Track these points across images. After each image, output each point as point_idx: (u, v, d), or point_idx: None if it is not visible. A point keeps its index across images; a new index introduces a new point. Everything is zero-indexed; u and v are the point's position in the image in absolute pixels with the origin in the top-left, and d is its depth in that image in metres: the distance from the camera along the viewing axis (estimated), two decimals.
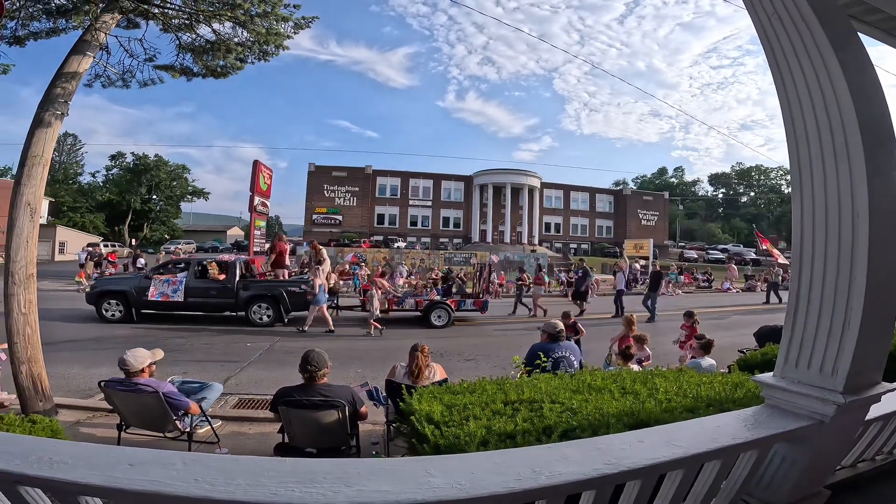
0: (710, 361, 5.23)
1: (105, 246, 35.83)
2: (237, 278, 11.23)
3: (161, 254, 32.98)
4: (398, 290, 13.09)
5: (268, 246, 17.62)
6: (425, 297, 11.99)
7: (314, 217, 45.87)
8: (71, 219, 44.51)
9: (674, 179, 78.60)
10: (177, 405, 3.81)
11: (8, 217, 4.64)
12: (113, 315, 10.86)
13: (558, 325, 4.78)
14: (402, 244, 41.82)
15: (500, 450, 1.95)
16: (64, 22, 5.64)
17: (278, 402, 3.43)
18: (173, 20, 6.09)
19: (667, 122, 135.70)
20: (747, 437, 1.84)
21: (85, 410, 5.27)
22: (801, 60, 1.87)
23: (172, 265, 12.18)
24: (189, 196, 56.25)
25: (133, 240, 44.47)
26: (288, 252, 12.67)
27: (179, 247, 41.53)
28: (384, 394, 4.22)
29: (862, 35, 2.04)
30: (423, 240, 45.96)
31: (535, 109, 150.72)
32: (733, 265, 29.87)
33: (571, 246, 49.18)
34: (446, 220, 49.20)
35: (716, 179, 77.48)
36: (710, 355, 5.38)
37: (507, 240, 45.64)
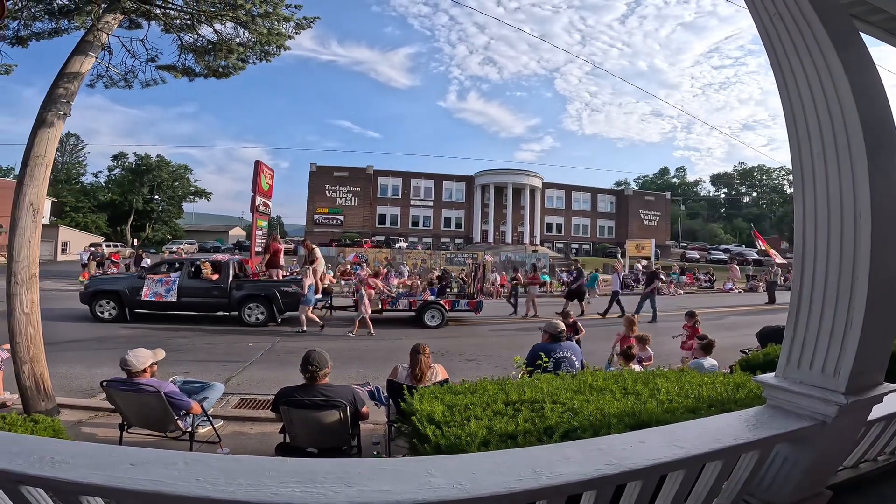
0: (712, 362, 5.22)
1: (108, 246, 35.96)
2: (230, 278, 11.23)
3: (165, 254, 33.07)
4: (392, 290, 13.07)
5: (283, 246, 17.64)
6: (419, 298, 12.00)
7: (316, 217, 45.90)
8: (73, 219, 44.65)
9: (676, 179, 78.54)
10: (178, 405, 3.81)
11: (10, 217, 4.66)
12: (107, 315, 10.88)
13: (559, 326, 4.78)
14: (403, 244, 41.81)
15: (501, 450, 1.95)
16: (66, 22, 5.65)
17: (280, 402, 3.43)
18: (175, 21, 6.11)
19: (668, 122, 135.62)
20: (749, 437, 1.84)
21: (87, 410, 5.28)
22: (803, 60, 1.87)
23: (166, 265, 12.20)
24: (191, 196, 56.37)
25: (135, 240, 44.66)
26: (283, 252, 12.65)
27: (182, 247, 41.61)
28: (385, 394, 4.22)
29: (864, 35, 2.04)
30: (425, 240, 45.93)
31: (536, 109, 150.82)
32: (735, 265, 29.84)
33: (573, 246, 49.12)
34: (448, 221, 49.15)
35: (718, 179, 77.41)
36: (712, 356, 5.37)
37: (509, 240, 45.60)
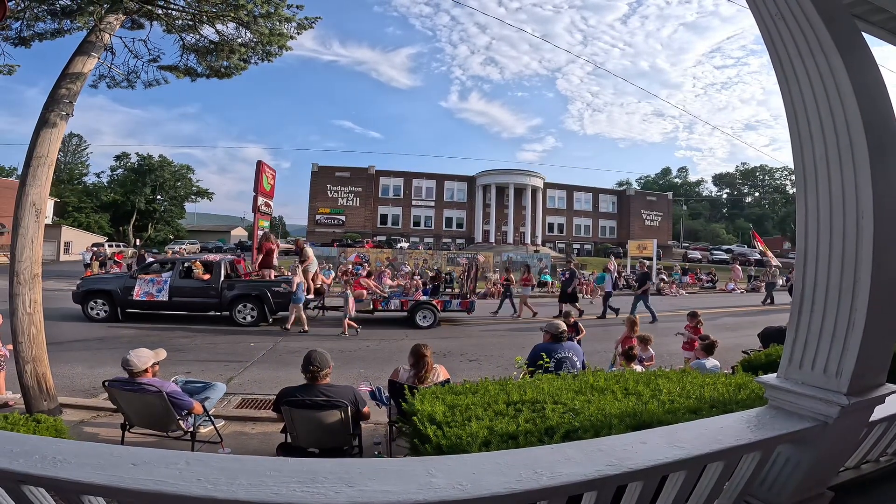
0: (714, 362, 5.21)
1: (110, 246, 36.06)
2: (222, 278, 11.24)
3: (167, 254, 33.13)
4: (385, 291, 13.10)
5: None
6: (410, 298, 12.02)
7: (317, 217, 45.93)
8: (76, 219, 44.79)
9: (678, 180, 78.41)
10: (180, 405, 3.82)
11: (13, 217, 4.68)
12: (98, 314, 10.90)
13: (560, 326, 4.76)
14: (405, 244, 41.81)
15: (502, 450, 1.95)
16: (68, 23, 5.66)
17: (281, 402, 3.44)
18: (177, 21, 6.12)
19: (670, 122, 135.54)
20: (751, 438, 1.84)
21: (89, 410, 5.30)
22: (805, 61, 1.87)
23: (158, 265, 12.23)
24: (193, 196, 56.42)
25: (137, 240, 44.72)
26: (277, 252, 12.68)
27: (184, 247, 41.67)
28: (387, 394, 4.22)
29: (866, 35, 2.04)
30: (427, 240, 45.94)
31: (538, 110, 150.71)
32: (737, 266, 29.76)
33: (575, 246, 49.06)
34: (449, 221, 49.12)
35: (720, 180, 77.31)
36: (714, 356, 5.37)
37: (511, 240, 45.57)
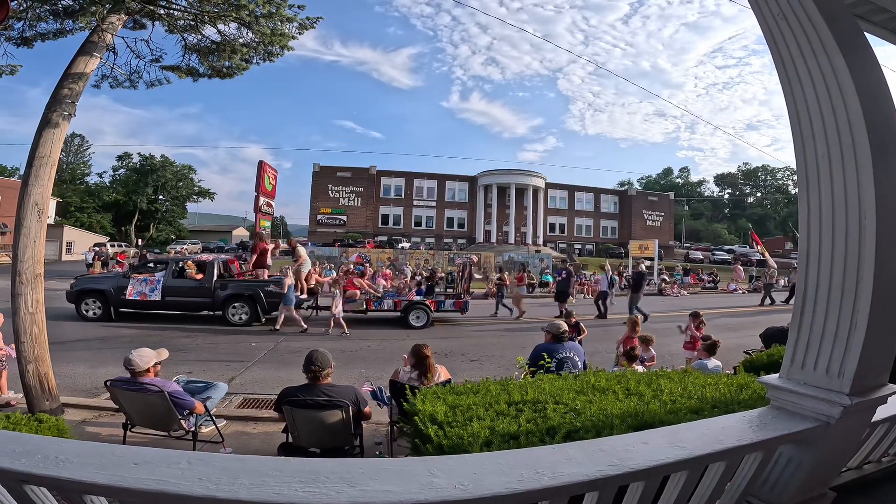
0: (716, 363, 5.20)
1: (112, 246, 36.13)
2: (214, 278, 11.27)
3: (170, 254, 33.21)
4: (379, 290, 13.13)
5: (272, 246, 17.65)
6: (403, 298, 12.05)
7: (319, 217, 45.97)
8: (78, 219, 44.88)
9: (679, 180, 78.26)
10: (182, 404, 3.82)
11: (16, 217, 4.69)
12: (92, 314, 10.92)
13: (562, 326, 4.75)
14: (406, 244, 41.84)
15: (504, 450, 1.95)
16: (71, 23, 5.68)
17: (282, 402, 3.44)
18: (179, 21, 6.13)
19: (672, 122, 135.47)
20: (752, 438, 1.83)
21: (91, 409, 5.31)
22: (807, 61, 1.86)
23: (151, 264, 12.26)
24: (195, 196, 56.51)
25: (139, 240, 44.80)
26: (270, 252, 12.73)
27: (185, 247, 41.74)
28: (388, 394, 4.22)
29: (869, 35, 2.03)
30: (428, 240, 45.95)
31: (539, 110, 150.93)
32: (739, 266, 29.71)
33: (576, 246, 49.03)
34: (450, 221, 49.13)
35: (722, 180, 77.13)
36: (716, 356, 5.36)
37: (512, 240, 45.57)
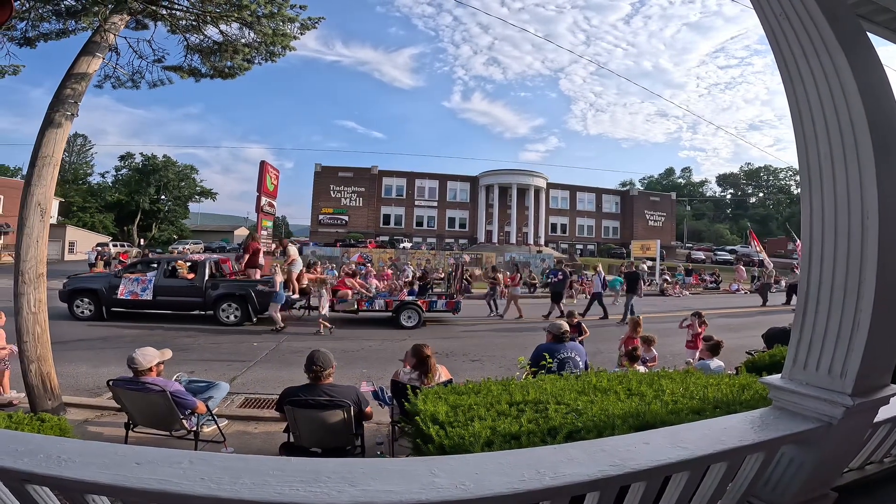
0: (719, 363, 5.19)
1: (114, 246, 36.24)
2: (206, 278, 11.29)
3: (173, 254, 33.30)
4: (371, 290, 13.15)
5: (274, 246, 17.74)
6: (395, 298, 12.07)
7: (320, 217, 46.02)
8: (80, 219, 45.00)
9: (681, 180, 78.17)
10: (184, 404, 3.83)
11: (18, 217, 4.71)
12: (83, 313, 10.96)
13: (563, 326, 4.75)
14: (407, 245, 41.87)
15: (505, 450, 1.95)
16: (73, 23, 5.69)
17: (284, 402, 3.44)
18: (181, 21, 6.15)
19: (674, 122, 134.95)
20: (754, 438, 1.83)
21: (93, 409, 5.32)
22: (809, 61, 1.86)
23: (143, 264, 12.28)
24: (197, 196, 56.54)
25: (142, 240, 44.89)
26: (262, 252, 12.74)
27: (187, 247, 41.85)
28: (389, 394, 4.22)
29: (871, 35, 2.03)
30: (429, 240, 45.96)
31: (540, 110, 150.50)
32: (741, 266, 29.64)
33: (578, 247, 49.00)
34: (452, 221, 49.14)
35: (724, 180, 77.10)
36: (718, 357, 5.35)
37: (513, 240, 45.56)
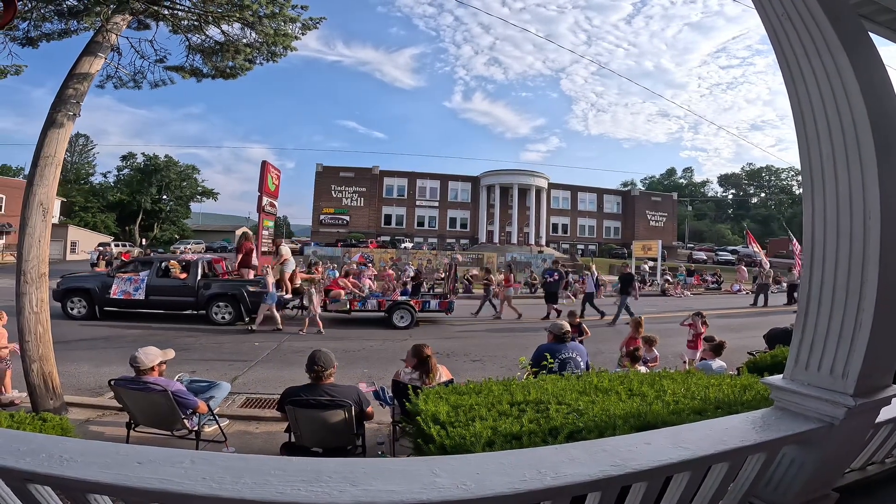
0: (721, 363, 5.19)
1: (117, 245, 36.30)
2: (198, 277, 11.31)
3: (175, 253, 33.36)
4: (364, 290, 13.16)
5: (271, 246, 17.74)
6: (388, 298, 12.08)
7: (322, 217, 46.06)
8: (82, 218, 45.09)
9: (683, 180, 78.02)
10: (185, 404, 3.84)
11: (21, 216, 4.72)
12: (77, 312, 10.97)
13: (564, 326, 4.75)
14: (409, 245, 41.89)
15: (506, 450, 1.95)
16: (75, 23, 5.71)
17: (285, 402, 3.45)
18: (183, 21, 6.16)
19: (675, 122, 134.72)
20: (756, 439, 1.82)
21: (95, 408, 5.33)
22: (811, 61, 1.86)
23: (136, 264, 12.30)
24: (198, 196, 56.68)
25: (143, 240, 44.98)
26: (257, 252, 12.73)
27: (189, 246, 41.90)
28: (390, 394, 4.23)
29: (873, 35, 2.02)
30: (430, 240, 45.97)
31: (542, 110, 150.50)
32: (743, 267, 29.57)
33: (579, 247, 48.98)
34: (453, 221, 49.14)
35: (725, 180, 76.97)
36: (720, 357, 5.34)
37: (515, 241, 45.54)
